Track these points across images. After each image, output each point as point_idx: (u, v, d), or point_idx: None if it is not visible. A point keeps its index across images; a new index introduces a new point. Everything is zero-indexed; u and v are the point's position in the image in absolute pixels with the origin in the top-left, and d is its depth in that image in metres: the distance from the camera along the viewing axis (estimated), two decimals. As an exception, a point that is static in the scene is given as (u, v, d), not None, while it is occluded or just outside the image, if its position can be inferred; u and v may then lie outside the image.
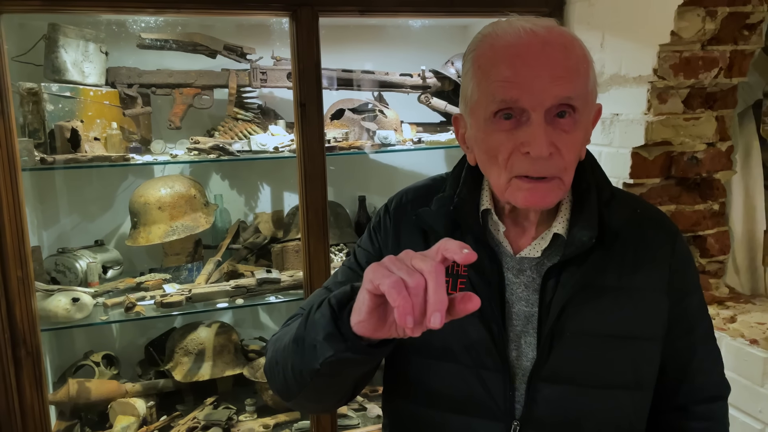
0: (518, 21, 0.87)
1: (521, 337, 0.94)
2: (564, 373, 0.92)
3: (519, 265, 0.96)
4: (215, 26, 2.33)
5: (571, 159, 0.87)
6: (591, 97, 0.88)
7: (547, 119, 0.84)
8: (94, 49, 2.12)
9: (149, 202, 2.24)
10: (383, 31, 2.52)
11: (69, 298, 1.95)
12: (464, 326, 0.94)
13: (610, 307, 0.93)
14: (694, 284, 1.01)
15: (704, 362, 1.01)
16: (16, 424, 1.77)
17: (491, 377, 0.93)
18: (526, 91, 0.83)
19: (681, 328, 0.98)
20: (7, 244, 1.70)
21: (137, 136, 2.27)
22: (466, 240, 0.95)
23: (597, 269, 0.92)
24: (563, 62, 0.84)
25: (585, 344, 0.92)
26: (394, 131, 2.30)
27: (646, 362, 0.95)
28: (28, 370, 1.78)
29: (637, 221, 0.97)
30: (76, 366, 2.32)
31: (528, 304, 0.94)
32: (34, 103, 1.96)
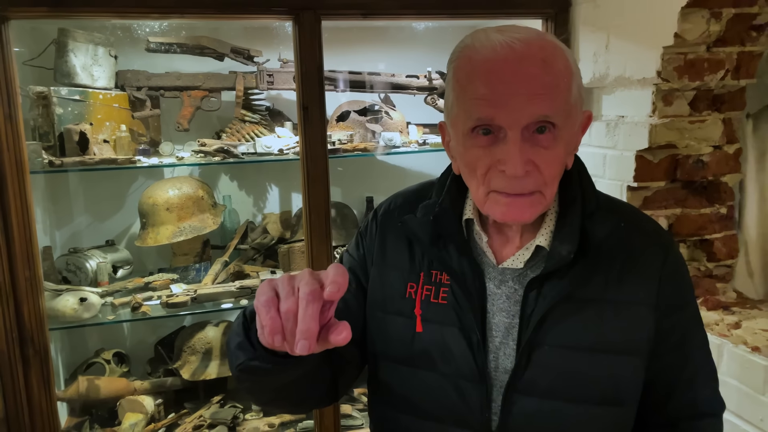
0: (498, 32, 0.85)
1: (500, 348, 0.93)
2: (541, 387, 0.91)
3: (501, 275, 0.95)
4: (222, 29, 2.35)
5: (551, 174, 0.86)
6: (575, 109, 0.87)
7: (525, 136, 0.83)
8: (104, 52, 2.16)
9: (157, 203, 2.27)
10: (388, 33, 2.52)
11: (77, 298, 1.99)
12: (444, 335, 0.94)
13: (591, 321, 0.91)
14: (687, 298, 0.98)
15: (695, 378, 0.98)
16: (24, 421, 1.81)
17: (469, 387, 0.93)
18: (502, 110, 0.82)
19: (670, 343, 0.95)
20: (15, 245, 1.74)
21: (146, 139, 2.30)
22: (449, 249, 0.95)
23: (580, 282, 0.91)
24: (541, 78, 0.82)
25: (563, 357, 0.90)
26: (400, 133, 2.30)
27: (628, 378, 0.93)
28: (36, 369, 1.81)
29: (626, 233, 0.93)
30: (87, 363, 2.37)
31: (509, 316, 0.93)
32: (44, 107, 2.00)
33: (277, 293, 0.71)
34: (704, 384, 0.99)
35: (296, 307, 0.68)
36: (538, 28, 2.03)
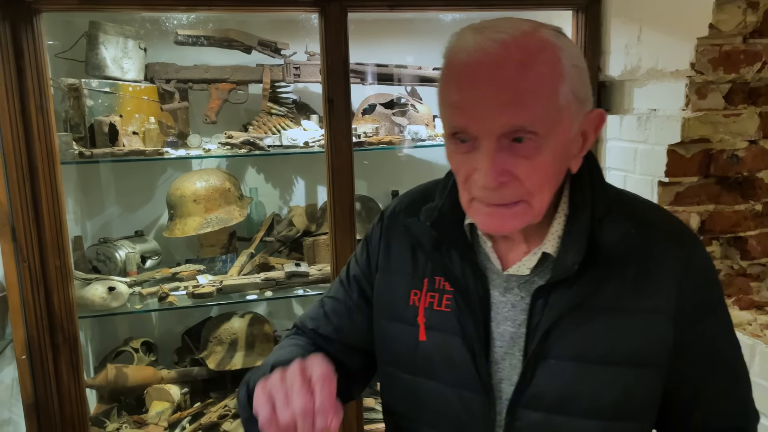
0: (477, 32, 0.78)
1: (505, 359, 0.89)
2: (547, 401, 0.86)
3: (506, 282, 0.90)
4: (249, 22, 2.36)
5: (535, 184, 0.80)
6: (566, 113, 0.78)
7: (503, 144, 0.78)
8: (133, 45, 2.18)
9: (185, 195, 2.30)
10: (414, 25, 2.50)
11: (105, 287, 2.02)
12: (447, 344, 0.90)
13: (603, 331, 0.85)
14: (714, 306, 0.91)
15: (725, 390, 0.92)
16: (53, 407, 1.85)
17: (472, 399, 0.89)
18: (474, 118, 0.77)
19: (695, 353, 0.89)
20: (46, 235, 1.77)
21: (174, 131, 2.32)
22: (451, 255, 0.91)
23: (590, 290, 0.85)
24: (515, 85, 0.75)
25: (571, 370, 0.85)
26: (426, 126, 2.28)
27: (642, 391, 0.87)
28: (65, 356, 1.85)
29: (642, 237, 0.87)
30: (116, 352, 2.41)
31: (514, 325, 0.89)
32: (75, 99, 2.04)
33: (273, 403, 0.75)
34: (735, 396, 0.94)
35: (294, 420, 0.73)
36: (569, 20, 2.01)
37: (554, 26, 0.82)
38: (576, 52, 0.80)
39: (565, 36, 0.82)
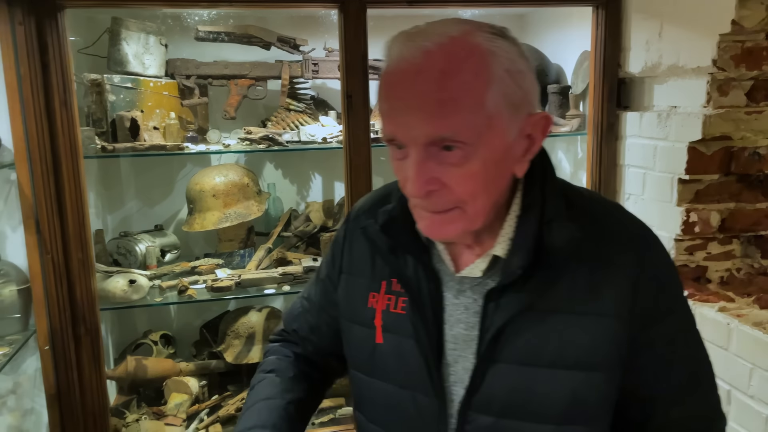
0: (408, 39, 0.77)
1: (458, 362, 0.88)
2: (497, 404, 0.86)
3: (459, 285, 0.90)
4: (269, 18, 2.38)
5: (466, 191, 0.79)
6: (496, 120, 0.77)
7: (432, 152, 0.77)
8: (155, 41, 2.21)
9: (204, 190, 2.32)
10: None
11: (126, 280, 2.05)
12: (402, 348, 0.91)
13: (553, 335, 0.84)
14: (672, 308, 0.88)
15: (682, 394, 0.90)
16: (75, 398, 1.88)
17: (425, 401, 0.89)
18: (400, 127, 0.77)
19: (651, 356, 0.87)
20: (69, 228, 1.80)
21: (194, 126, 2.35)
22: (406, 258, 0.91)
23: (539, 293, 0.84)
24: (435, 95, 0.74)
25: (521, 374, 0.85)
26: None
27: (593, 394, 0.85)
28: (87, 347, 1.88)
29: (595, 239, 0.86)
30: (135, 344, 2.45)
31: (467, 327, 0.88)
32: (98, 94, 2.07)
33: None
34: (696, 398, 0.91)
35: None
36: (589, 16, 2.00)
37: (495, 28, 0.80)
38: (512, 56, 0.78)
39: (506, 38, 0.79)
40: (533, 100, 0.82)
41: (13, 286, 1.80)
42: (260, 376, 1.07)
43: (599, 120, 2.05)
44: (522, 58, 0.79)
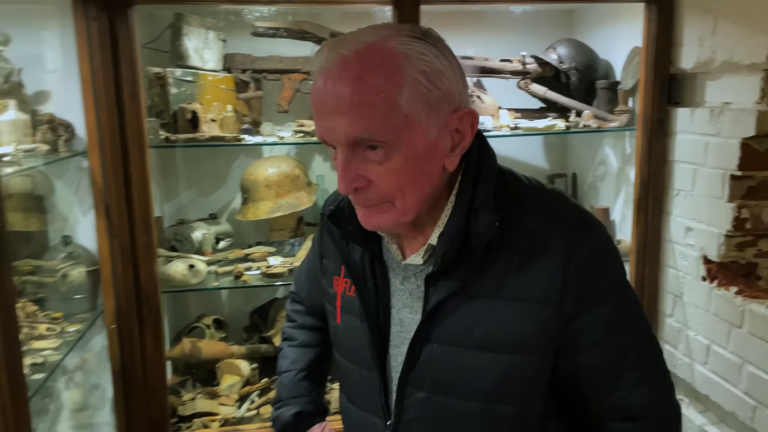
0: (331, 45, 0.83)
1: (405, 343, 0.95)
2: (428, 381, 0.92)
3: (404, 272, 0.97)
4: (322, 15, 2.44)
5: (391, 186, 0.85)
6: (413, 120, 0.82)
7: (357, 151, 0.84)
8: (214, 36, 2.30)
9: (258, 180, 2.40)
10: (484, 17, 2.53)
11: (186, 264, 2.15)
12: (352, 328, 1.00)
13: (479, 318, 0.89)
14: (606, 295, 0.90)
15: (622, 379, 0.91)
16: (138, 374, 1.98)
17: (370, 377, 0.98)
18: (326, 129, 0.84)
19: (585, 342, 0.90)
20: (135, 213, 1.90)
21: (249, 119, 2.43)
22: (354, 245, 0.98)
23: (469, 278, 0.89)
24: (349, 99, 0.80)
25: (449, 354, 0.91)
26: (491, 117, 2.32)
27: (519, 376, 0.90)
28: (149, 327, 1.98)
29: (529, 226, 0.89)
30: (189, 327, 2.55)
31: (412, 311, 0.95)
32: (161, 87, 2.16)
33: None
34: (638, 385, 0.92)
35: None
36: (641, 12, 2.00)
37: (415, 31, 0.84)
38: (429, 58, 0.82)
39: (424, 41, 0.83)
40: (456, 98, 0.86)
41: (82, 268, 1.92)
42: (280, 346, 1.28)
43: (649, 116, 2.06)
44: (441, 58, 0.84)
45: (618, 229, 2.46)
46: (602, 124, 2.27)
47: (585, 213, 0.95)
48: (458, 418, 0.92)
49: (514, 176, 0.97)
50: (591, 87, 2.36)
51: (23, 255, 1.89)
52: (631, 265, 2.18)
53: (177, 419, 2.17)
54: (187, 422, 2.17)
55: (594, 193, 2.64)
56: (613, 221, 2.47)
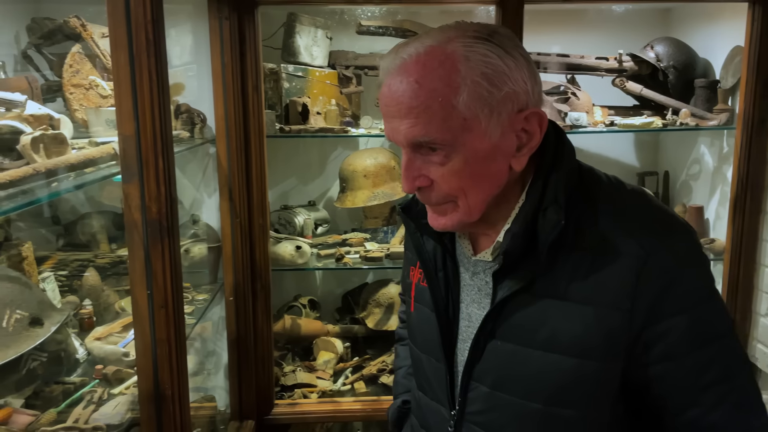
0: (396, 50, 0.86)
1: (471, 338, 0.96)
2: (491, 377, 0.93)
3: (474, 267, 0.98)
4: (421, 13, 2.56)
5: (453, 187, 0.87)
6: (473, 122, 0.83)
7: (420, 153, 0.86)
8: (322, 34, 2.45)
9: (356, 170, 2.55)
10: (583, 15, 2.59)
11: (293, 246, 2.32)
12: (423, 317, 1.04)
13: (546, 318, 0.88)
14: (684, 305, 0.84)
15: (702, 395, 0.85)
16: (250, 344, 2.17)
17: (437, 367, 1.01)
18: (391, 131, 0.87)
19: (657, 352, 0.85)
20: (253, 197, 2.08)
21: (349, 112, 2.58)
22: (427, 239, 1.01)
23: (538, 277, 0.88)
24: (408, 102, 0.82)
25: (512, 353, 0.91)
26: (586, 113, 2.37)
27: (582, 381, 0.87)
28: (261, 302, 2.16)
29: (604, 226, 0.87)
30: (287, 306, 2.73)
31: (480, 307, 0.97)
32: (275, 81, 2.34)
33: None
34: (719, 402, 0.85)
35: None
36: (744, 12, 2.00)
37: (481, 32, 0.84)
38: (491, 59, 0.82)
39: (489, 42, 0.83)
40: (523, 98, 0.85)
41: (205, 245, 2.11)
42: (396, 346, 1.34)
43: (750, 115, 2.07)
44: (506, 59, 0.83)
45: (712, 228, 2.46)
46: (700, 123, 2.29)
47: (668, 216, 0.91)
48: (519, 416, 0.91)
49: (592, 174, 0.95)
50: (688, 85, 2.38)
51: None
52: (725, 264, 2.19)
53: (279, 388, 2.34)
54: (289, 392, 2.34)
55: (687, 191, 2.64)
56: (707, 220, 2.47)
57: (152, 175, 1.11)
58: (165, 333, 1.16)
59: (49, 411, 1.24)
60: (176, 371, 1.19)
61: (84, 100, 1.70)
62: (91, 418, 1.24)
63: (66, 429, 1.20)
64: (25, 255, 1.58)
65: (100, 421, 1.24)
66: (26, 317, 1.26)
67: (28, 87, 1.61)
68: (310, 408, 2.25)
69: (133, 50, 1.07)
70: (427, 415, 1.06)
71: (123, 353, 1.46)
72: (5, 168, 1.07)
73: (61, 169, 1.14)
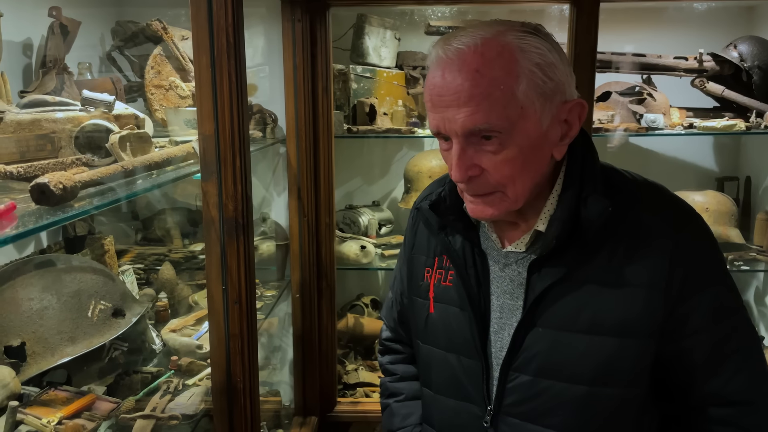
0: (448, 40, 0.87)
1: (504, 329, 0.98)
2: (534, 364, 0.94)
3: (505, 259, 0.99)
4: (491, 13, 2.53)
5: (504, 175, 0.88)
6: (529, 110, 0.85)
7: (472, 141, 0.87)
8: (390, 35, 2.46)
9: (421, 171, 2.54)
10: (660, 13, 2.49)
11: (358, 245, 2.34)
12: (449, 316, 1.02)
13: (587, 302, 0.91)
14: (710, 280, 0.93)
15: (723, 364, 0.93)
16: (314, 341, 2.20)
17: (470, 364, 1.00)
18: (442, 121, 0.87)
19: (689, 327, 0.92)
20: (321, 196, 2.11)
21: (416, 113, 2.58)
22: (454, 234, 1.01)
23: (577, 263, 0.91)
24: (469, 90, 0.83)
25: (556, 337, 0.92)
26: (663, 115, 2.29)
27: (624, 359, 0.91)
28: (326, 300, 2.19)
29: (633, 214, 0.92)
30: (350, 304, 2.75)
31: (512, 298, 0.97)
32: (343, 82, 2.36)
33: None
34: (737, 371, 0.93)
35: None
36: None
37: (528, 26, 0.88)
38: (543, 51, 0.86)
39: (537, 35, 0.87)
40: (567, 89, 0.89)
41: (273, 242, 2.15)
42: (384, 402, 1.25)
43: None
44: (553, 52, 0.88)
45: (797, 236, 2.33)
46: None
47: (685, 203, 0.99)
48: (562, 400, 0.94)
49: (613, 169, 1.01)
50: (773, 85, 2.26)
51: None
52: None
53: (342, 386, 2.37)
54: (351, 390, 2.36)
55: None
56: (792, 228, 2.34)
57: (229, 173, 1.14)
58: (238, 328, 1.19)
59: (129, 399, 1.30)
60: (248, 365, 1.22)
61: (164, 101, 1.77)
62: (167, 407, 1.29)
63: (144, 417, 1.24)
64: (107, 248, 1.66)
65: (175, 410, 1.28)
66: (109, 308, 1.32)
67: (113, 87, 1.69)
68: (372, 407, 2.26)
69: (215, 53, 1.10)
70: (452, 419, 1.05)
71: (196, 345, 1.51)
72: (95, 165, 1.12)
73: (143, 167, 1.18)
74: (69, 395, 1.24)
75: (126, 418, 1.24)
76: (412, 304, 1.11)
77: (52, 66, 1.62)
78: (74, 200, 0.95)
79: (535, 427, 0.95)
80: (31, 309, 1.24)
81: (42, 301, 1.25)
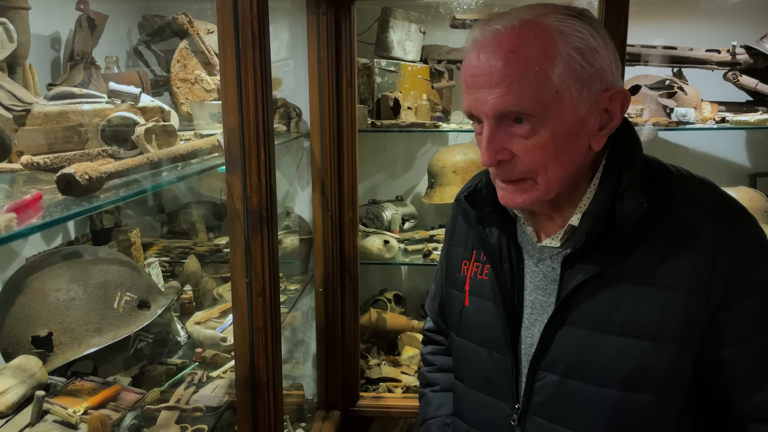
0: (486, 22, 0.85)
1: (535, 325, 0.95)
2: (562, 364, 0.91)
3: (539, 254, 0.96)
4: (516, 4, 2.49)
5: (535, 161, 0.85)
6: (564, 95, 0.83)
7: (504, 125, 0.85)
8: (415, 29, 2.44)
9: (446, 166, 2.52)
10: (692, 5, 2.44)
11: (381, 240, 2.33)
12: (483, 310, 1.00)
13: (620, 303, 0.87)
14: (756, 288, 0.86)
15: (766, 378, 0.86)
16: (337, 335, 2.20)
17: (500, 360, 0.98)
18: (475, 102, 0.85)
19: (730, 335, 0.86)
20: (345, 191, 2.10)
21: (440, 107, 2.56)
22: (491, 228, 0.99)
23: (612, 261, 0.87)
24: (502, 71, 0.81)
25: (586, 338, 0.89)
26: (694, 109, 2.23)
27: (658, 365, 0.86)
28: (349, 294, 2.19)
29: (678, 212, 0.87)
30: (373, 299, 2.75)
31: (545, 294, 0.94)
32: (367, 76, 2.35)
33: None
34: None
35: None
36: None
37: (572, 10, 0.85)
38: (584, 35, 0.83)
39: (580, 19, 0.84)
40: (609, 76, 0.86)
41: (297, 236, 2.16)
42: (421, 391, 1.25)
43: None
44: (596, 37, 0.84)
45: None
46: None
47: (736, 204, 0.92)
48: (591, 403, 0.90)
49: (659, 164, 0.96)
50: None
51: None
52: None
53: (365, 381, 2.36)
54: (374, 384, 2.36)
55: (804, 194, 2.44)
56: (827, 225, 2.27)
57: (254, 166, 1.13)
58: (262, 321, 1.19)
59: (153, 390, 1.30)
60: (271, 358, 1.22)
61: (189, 94, 1.78)
62: (191, 399, 1.29)
63: (168, 408, 1.25)
64: (134, 241, 1.68)
65: (199, 402, 1.29)
66: (135, 299, 1.33)
67: (139, 81, 1.70)
68: (395, 402, 2.25)
69: (240, 45, 1.09)
70: (482, 415, 1.03)
71: (221, 338, 1.51)
72: (121, 157, 1.13)
73: (169, 159, 1.19)
74: (95, 385, 1.25)
75: (151, 409, 1.25)
76: (449, 297, 1.10)
77: (79, 59, 1.63)
78: (100, 191, 0.95)
79: (563, 429, 0.92)
80: (58, 300, 1.25)
81: (69, 291, 1.26)
